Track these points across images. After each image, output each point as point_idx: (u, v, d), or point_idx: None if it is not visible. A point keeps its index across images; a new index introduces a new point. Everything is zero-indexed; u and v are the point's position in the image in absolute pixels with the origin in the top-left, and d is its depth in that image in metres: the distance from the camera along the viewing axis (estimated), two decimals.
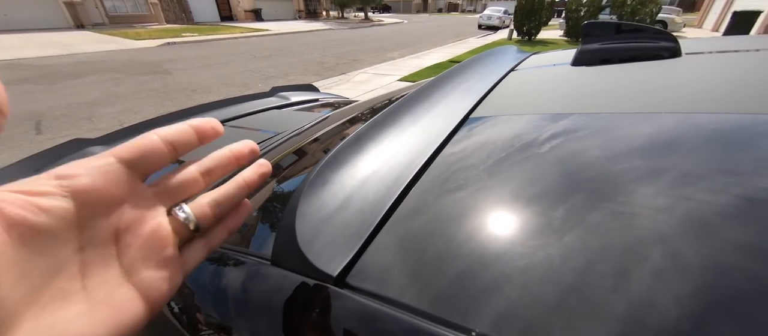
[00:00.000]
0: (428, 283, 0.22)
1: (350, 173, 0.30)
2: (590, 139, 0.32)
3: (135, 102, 4.26)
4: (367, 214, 0.27)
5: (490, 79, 0.57)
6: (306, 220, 0.25)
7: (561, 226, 0.23)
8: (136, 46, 9.91)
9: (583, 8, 10.26)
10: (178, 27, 16.07)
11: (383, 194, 0.29)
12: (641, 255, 0.20)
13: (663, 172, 0.26)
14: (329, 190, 0.28)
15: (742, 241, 0.20)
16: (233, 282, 0.30)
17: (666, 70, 0.51)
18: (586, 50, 0.63)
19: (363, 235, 0.25)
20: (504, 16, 16.85)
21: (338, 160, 0.30)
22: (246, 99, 1.36)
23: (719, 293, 0.18)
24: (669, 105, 0.37)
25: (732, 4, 12.08)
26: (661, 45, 0.57)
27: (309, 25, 19.07)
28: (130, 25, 16.67)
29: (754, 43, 0.62)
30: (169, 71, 6.22)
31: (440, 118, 0.41)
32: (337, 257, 0.24)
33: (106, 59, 7.52)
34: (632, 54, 0.58)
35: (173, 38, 11.29)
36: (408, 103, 0.42)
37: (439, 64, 6.61)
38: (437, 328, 0.19)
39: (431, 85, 0.49)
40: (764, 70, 0.45)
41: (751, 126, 0.30)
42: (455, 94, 0.48)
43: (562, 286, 0.20)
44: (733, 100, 0.36)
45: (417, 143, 0.35)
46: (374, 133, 0.35)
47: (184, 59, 7.64)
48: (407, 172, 0.31)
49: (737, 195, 0.24)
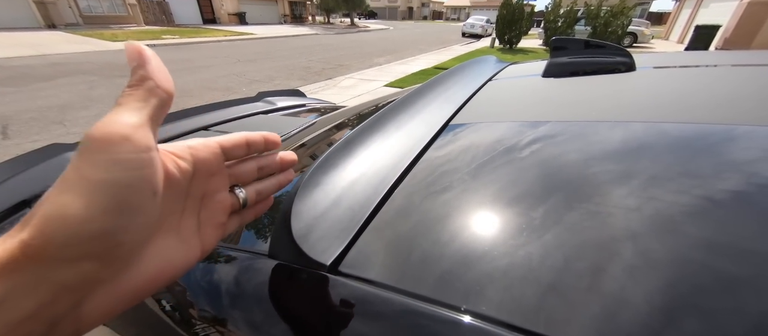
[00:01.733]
0: (411, 268, 0.26)
1: (340, 175, 0.33)
2: (558, 144, 0.37)
3: (111, 105, 4.09)
4: (355, 212, 0.30)
5: (470, 88, 0.62)
6: (300, 218, 0.28)
7: (531, 218, 0.28)
8: (113, 47, 9.55)
9: (560, 19, 10.76)
10: (158, 29, 15.60)
11: (370, 194, 0.32)
12: (613, 252, 0.23)
13: (621, 175, 0.31)
14: (321, 190, 0.31)
15: (703, 237, 0.23)
16: (229, 275, 0.32)
17: (622, 82, 0.57)
18: (555, 63, 0.69)
19: (353, 229, 0.28)
20: (486, 25, 17.40)
21: (329, 163, 0.33)
22: (231, 104, 1.36)
23: (684, 288, 0.20)
24: (624, 114, 0.42)
25: (694, 18, 12.99)
26: (618, 60, 0.64)
27: (294, 29, 18.98)
28: (106, 26, 16.04)
29: (702, 59, 0.69)
30: None
31: (423, 124, 0.44)
32: (329, 249, 0.27)
33: (80, 61, 7.20)
34: (594, 67, 0.64)
35: (153, 40, 10.96)
36: (393, 110, 0.45)
37: (425, 70, 6.74)
38: (420, 304, 0.23)
39: (415, 93, 0.53)
40: (710, 84, 0.51)
41: (696, 133, 0.35)
42: (437, 102, 0.52)
43: (536, 261, 0.24)
44: (676, 110, 0.41)
45: (401, 147, 0.39)
46: (362, 138, 0.39)
47: (165, 62, 7.32)
48: (392, 174, 0.35)
49: (697, 195, 0.27)
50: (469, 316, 0.21)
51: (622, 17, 10.49)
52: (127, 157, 0.14)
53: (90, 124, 1.26)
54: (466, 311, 0.22)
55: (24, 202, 0.70)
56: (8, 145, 2.90)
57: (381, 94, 4.87)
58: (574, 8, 10.67)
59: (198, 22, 20.95)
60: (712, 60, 0.69)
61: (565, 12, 10.74)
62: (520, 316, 0.21)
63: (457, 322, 0.21)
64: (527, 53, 10.21)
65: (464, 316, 0.22)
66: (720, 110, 0.39)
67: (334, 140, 0.72)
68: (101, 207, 0.13)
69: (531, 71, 0.80)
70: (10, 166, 0.82)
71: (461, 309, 0.22)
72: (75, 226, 0.13)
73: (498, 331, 0.20)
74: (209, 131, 1.10)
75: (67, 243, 0.13)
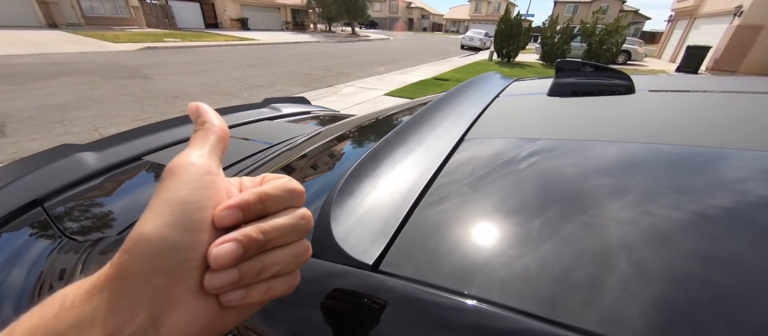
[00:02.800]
0: (443, 266, 0.29)
1: (371, 184, 0.37)
2: (568, 160, 0.41)
3: (112, 106, 4.11)
4: (389, 217, 0.33)
5: (480, 104, 0.66)
6: (339, 222, 0.31)
7: (544, 227, 0.31)
8: (114, 48, 9.59)
9: (557, 35, 11.02)
10: (160, 32, 15.69)
11: (400, 201, 0.35)
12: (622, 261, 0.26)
13: (629, 191, 0.34)
14: (356, 198, 0.34)
15: (694, 250, 0.26)
16: None
17: (623, 104, 0.61)
18: (560, 83, 0.73)
19: (389, 233, 0.31)
20: (485, 38, 17.76)
21: (360, 172, 0.36)
22: (238, 109, 1.39)
23: (677, 299, 0.23)
24: (628, 135, 0.46)
25: (686, 39, 13.38)
26: (619, 83, 0.68)
27: (296, 36, 19.20)
28: (108, 27, 16.11)
29: (697, 84, 0.73)
30: (150, 76, 6.06)
31: (440, 138, 0.48)
32: (369, 250, 0.30)
33: (80, 61, 7.22)
34: (596, 89, 0.68)
35: (155, 42, 11.02)
36: (413, 124, 0.49)
37: (424, 80, 6.84)
38: (451, 297, 0.26)
39: (431, 108, 0.56)
40: (704, 109, 0.55)
41: (691, 155, 0.38)
42: (452, 117, 0.55)
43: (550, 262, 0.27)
44: (675, 133, 0.44)
45: (423, 159, 0.43)
46: (387, 150, 0.42)
47: (166, 65, 7.47)
48: (419, 183, 0.38)
49: (690, 210, 0.30)
50: (493, 306, 0.24)
51: (616, 35, 10.78)
52: (192, 178, 0.17)
53: (90, 123, 1.29)
54: (491, 302, 0.24)
55: (35, 202, 0.72)
56: (5, 144, 2.88)
57: (382, 102, 4.93)
58: (571, 25, 10.94)
59: (200, 27, 21.11)
60: (702, 85, 0.74)
61: (562, 28, 11.01)
62: (560, 310, 0.23)
63: (477, 310, 0.24)
64: (524, 67, 10.42)
65: (485, 305, 0.24)
66: (710, 134, 0.43)
67: (335, 150, 0.75)
68: (171, 221, 0.15)
69: (535, 89, 0.84)
70: (22, 165, 0.83)
71: (486, 300, 0.25)
72: (152, 239, 0.15)
73: (537, 325, 0.22)
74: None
75: (144, 257, 0.15)
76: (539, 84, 0.90)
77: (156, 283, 0.15)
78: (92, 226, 0.66)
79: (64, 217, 0.68)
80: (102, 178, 0.82)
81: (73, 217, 0.69)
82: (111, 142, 0.96)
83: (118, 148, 0.92)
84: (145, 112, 4.00)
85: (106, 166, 0.85)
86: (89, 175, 0.81)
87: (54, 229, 0.63)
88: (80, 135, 3.14)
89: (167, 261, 0.15)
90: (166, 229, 0.15)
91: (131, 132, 1.03)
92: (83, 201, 0.74)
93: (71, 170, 0.81)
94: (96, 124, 3.44)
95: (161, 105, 4.31)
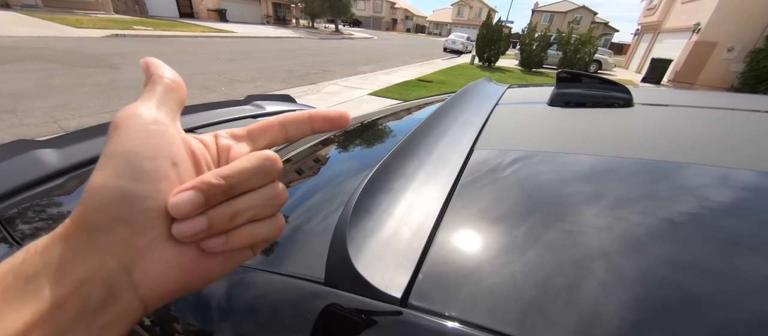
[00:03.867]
0: (478, 299, 0.25)
1: (387, 200, 0.33)
2: (597, 178, 0.40)
3: (73, 96, 3.80)
4: (411, 239, 0.29)
5: (483, 112, 0.65)
6: (356, 244, 0.27)
7: (578, 244, 0.29)
8: (77, 34, 8.89)
9: (535, 42, 11.47)
10: (128, 18, 14.73)
11: (421, 222, 0.32)
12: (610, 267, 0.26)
13: (629, 204, 0.34)
14: (371, 217, 0.30)
15: (667, 256, 0.27)
16: (280, 301, 0.30)
17: (627, 117, 0.63)
18: (561, 93, 0.73)
19: (414, 258, 0.27)
20: (467, 42, 18.14)
21: (373, 187, 0.32)
22: (218, 105, 1.31)
23: (650, 302, 0.23)
24: (630, 149, 0.47)
25: (651, 51, 14.34)
26: (618, 95, 0.69)
27: (277, 31, 18.69)
28: (69, 10, 14.89)
29: (693, 99, 0.76)
30: (117, 66, 5.66)
31: (450, 148, 0.46)
32: (395, 279, 0.26)
33: (37, 46, 6.62)
34: (597, 100, 0.69)
35: (123, 30, 10.32)
36: (420, 134, 0.46)
37: (409, 81, 6.87)
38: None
39: (434, 116, 0.54)
40: (697, 125, 0.58)
41: (692, 171, 0.39)
42: (457, 126, 0.54)
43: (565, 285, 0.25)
44: (671, 149, 0.45)
45: (438, 173, 0.40)
46: (398, 162, 0.39)
47: (136, 54, 7.02)
48: (437, 200, 0.35)
49: (662, 217, 0.31)
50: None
51: (589, 45, 11.40)
52: (135, 128, 0.16)
53: (48, 115, 1.18)
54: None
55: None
56: None
57: (366, 102, 4.89)
58: (547, 34, 11.43)
59: (174, 16, 20.05)
60: (693, 100, 0.76)
61: (539, 36, 11.47)
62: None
63: None
64: (505, 72, 10.73)
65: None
66: (723, 153, 0.44)
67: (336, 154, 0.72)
68: (118, 172, 0.15)
69: (532, 97, 0.85)
70: None
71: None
72: (98, 191, 0.15)
73: None
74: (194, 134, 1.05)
75: (97, 209, 0.15)
76: (534, 92, 0.91)
77: (118, 232, 0.15)
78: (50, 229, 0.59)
79: (17, 221, 0.60)
80: (64, 178, 0.74)
81: (29, 222, 0.62)
82: (75, 138, 0.87)
83: (84, 144, 0.84)
84: (111, 104, 3.73)
85: (69, 164, 0.77)
86: (49, 174, 0.73)
87: (5, 235, 0.56)
88: (36, 127, 2.87)
89: (123, 210, 0.15)
90: (115, 180, 0.15)
91: (99, 127, 0.95)
92: (42, 204, 0.66)
93: (28, 169, 0.72)
94: (55, 116, 3.16)
95: (130, 97, 4.04)
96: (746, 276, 0.25)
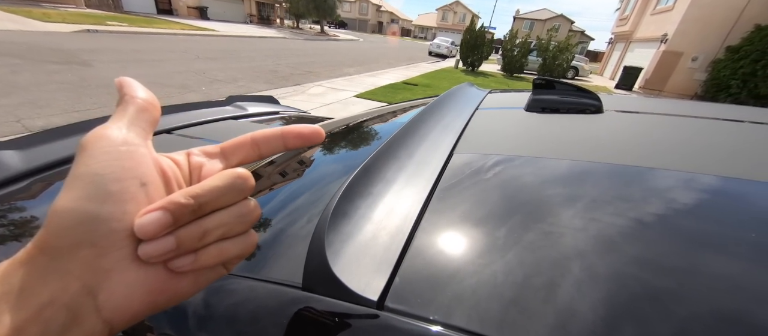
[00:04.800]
0: (456, 300, 0.26)
1: (366, 204, 0.33)
2: (575, 181, 0.42)
3: (39, 94, 3.57)
4: (389, 242, 0.30)
5: (464, 117, 0.66)
6: (334, 248, 0.27)
7: (552, 244, 0.31)
8: (44, 29, 8.39)
9: (516, 49, 11.85)
10: (102, 13, 14.05)
11: (399, 225, 0.32)
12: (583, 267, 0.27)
13: (599, 205, 0.36)
14: (350, 220, 0.30)
15: (634, 253, 0.28)
16: (260, 308, 0.30)
17: (599, 123, 0.66)
18: (537, 100, 0.76)
19: (391, 261, 0.28)
20: (451, 46, 18.47)
21: (353, 191, 0.33)
22: (198, 106, 1.27)
23: (621, 297, 0.25)
24: (600, 153, 0.50)
25: (623, 60, 15.11)
26: (590, 102, 0.73)
27: (261, 31, 18.35)
28: (35, 3, 14.02)
29: (664, 107, 0.81)
30: (89, 63, 5.38)
31: (430, 152, 0.46)
32: (372, 282, 0.26)
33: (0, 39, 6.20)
34: (570, 107, 0.73)
35: (95, 25, 9.84)
36: (401, 137, 0.47)
37: (394, 84, 6.91)
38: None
39: (416, 120, 0.55)
40: (666, 131, 0.62)
41: (659, 176, 0.42)
42: (437, 130, 0.55)
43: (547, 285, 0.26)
44: (639, 154, 0.48)
45: (417, 176, 0.40)
46: (378, 165, 0.39)
47: (110, 51, 6.70)
48: (416, 203, 0.35)
49: (632, 218, 0.33)
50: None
51: (567, 53, 11.91)
52: (104, 150, 0.16)
53: (11, 113, 1.11)
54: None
55: None
56: None
57: (352, 104, 4.88)
58: (528, 40, 11.84)
59: (152, 12, 19.29)
60: (659, 107, 0.81)
61: (520, 43, 11.86)
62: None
63: None
64: (488, 76, 11.00)
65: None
66: (690, 158, 0.47)
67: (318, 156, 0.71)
68: (84, 194, 0.15)
69: (510, 102, 0.88)
70: None
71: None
72: (62, 214, 0.15)
73: None
74: (172, 135, 1.02)
75: (61, 232, 0.15)
76: (513, 97, 0.94)
77: (82, 255, 0.15)
78: (9, 235, 0.55)
79: None
80: (27, 181, 0.70)
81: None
82: (41, 138, 0.83)
83: (51, 145, 0.79)
84: (82, 102, 3.54)
85: (33, 167, 0.72)
86: (11, 177, 0.68)
87: None
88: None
89: (88, 233, 0.15)
90: (80, 202, 0.15)
91: (68, 127, 0.90)
92: (2, 209, 0.62)
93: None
94: (18, 115, 2.96)
95: (103, 96, 3.84)
96: (707, 271, 0.27)
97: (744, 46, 9.17)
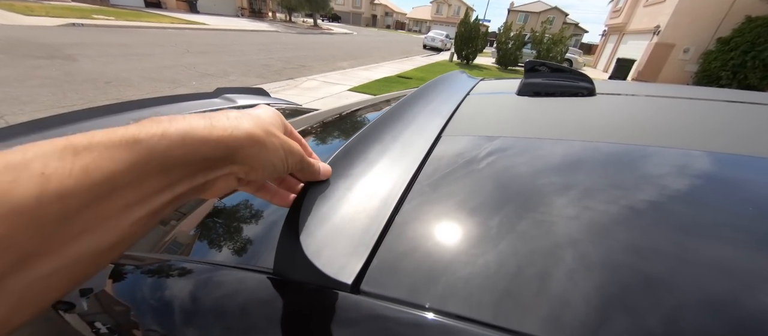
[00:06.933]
0: (437, 284, 0.25)
1: (345, 185, 0.31)
2: (561, 159, 0.40)
3: (22, 90, 3.46)
4: (368, 225, 0.28)
5: (453, 102, 0.65)
6: (309, 231, 0.26)
7: (548, 229, 0.29)
8: (26, 22, 8.12)
9: (511, 41, 11.83)
10: (87, 7, 13.64)
11: (379, 206, 0.31)
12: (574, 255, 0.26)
13: (588, 184, 0.35)
14: (327, 203, 0.29)
15: (628, 241, 0.27)
16: (222, 293, 0.28)
17: (592, 105, 0.65)
18: (529, 83, 0.75)
19: (369, 245, 0.27)
20: (446, 39, 18.37)
21: (332, 172, 0.31)
22: (185, 98, 1.24)
23: (614, 287, 0.23)
24: (592, 133, 0.48)
25: (616, 52, 15.20)
26: (583, 85, 0.72)
27: (252, 24, 18.02)
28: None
29: (654, 90, 0.80)
30: (74, 57, 5.23)
31: (416, 135, 0.45)
32: (347, 266, 0.25)
33: None
34: (562, 90, 0.71)
35: (81, 19, 9.56)
36: (386, 120, 0.45)
37: (388, 77, 6.85)
38: (449, 321, 0.23)
39: (403, 104, 0.53)
40: (655, 111, 0.61)
41: (641, 152, 0.41)
42: (424, 114, 0.53)
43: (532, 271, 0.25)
44: (629, 133, 0.47)
45: (401, 158, 0.39)
46: (361, 147, 0.37)
47: (96, 45, 6.51)
48: (399, 184, 0.34)
49: (624, 205, 0.31)
50: (499, 331, 0.21)
51: (560, 45, 11.92)
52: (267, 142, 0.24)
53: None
54: (498, 328, 0.22)
55: None
56: None
57: (345, 98, 4.82)
58: (522, 33, 11.83)
59: (139, 6, 18.80)
60: (656, 91, 0.81)
61: (514, 35, 11.83)
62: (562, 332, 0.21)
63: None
64: (482, 70, 10.97)
65: (492, 332, 0.21)
66: (675, 135, 0.46)
67: None
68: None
69: (502, 88, 0.86)
70: None
71: (492, 325, 0.22)
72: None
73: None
74: None
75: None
76: (505, 84, 0.93)
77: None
78: None
79: None
80: None
81: None
82: (21, 130, 0.79)
83: (31, 137, 0.76)
84: (67, 98, 3.44)
85: None
86: None
87: None
88: None
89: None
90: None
91: (50, 119, 0.86)
92: None
93: None
94: (1, 111, 2.87)
95: (89, 91, 3.74)
96: (700, 252, 0.26)
97: (734, 37, 9.27)
